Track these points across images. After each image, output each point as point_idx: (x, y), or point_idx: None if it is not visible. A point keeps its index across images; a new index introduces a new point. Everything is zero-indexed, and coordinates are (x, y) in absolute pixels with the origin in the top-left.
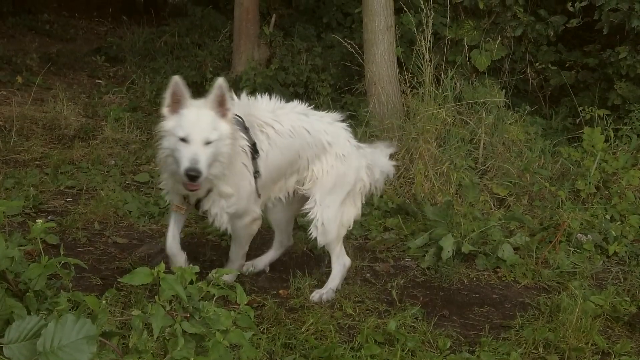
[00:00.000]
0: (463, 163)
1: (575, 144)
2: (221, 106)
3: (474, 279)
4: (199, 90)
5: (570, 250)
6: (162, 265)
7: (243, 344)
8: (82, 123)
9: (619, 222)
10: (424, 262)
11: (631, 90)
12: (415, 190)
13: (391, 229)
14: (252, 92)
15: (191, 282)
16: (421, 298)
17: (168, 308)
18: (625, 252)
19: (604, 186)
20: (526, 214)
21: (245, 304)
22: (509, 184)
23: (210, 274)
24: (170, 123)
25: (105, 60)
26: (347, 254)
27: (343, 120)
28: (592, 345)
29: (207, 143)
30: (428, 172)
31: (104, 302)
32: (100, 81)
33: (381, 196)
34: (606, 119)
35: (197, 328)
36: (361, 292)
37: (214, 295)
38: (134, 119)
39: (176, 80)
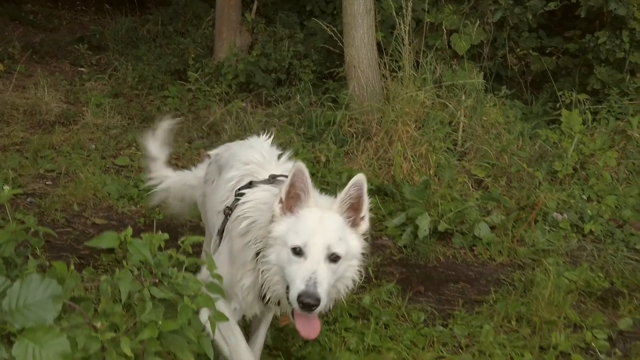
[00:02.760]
0: (442, 145)
1: (553, 126)
2: (355, 211)
3: (450, 256)
4: (181, 77)
5: (546, 228)
6: (129, 230)
7: (211, 308)
8: (63, 109)
9: (595, 202)
10: (401, 241)
11: (610, 74)
12: (394, 171)
13: (369, 209)
14: (234, 78)
15: (160, 249)
16: (397, 275)
17: (136, 273)
18: (601, 231)
19: (581, 167)
20: (504, 195)
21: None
22: (487, 165)
23: (179, 241)
24: (282, 227)
25: (88, 48)
26: None
27: None
28: (564, 318)
29: (331, 259)
30: (407, 153)
31: (72, 267)
32: (82, 69)
33: None
34: (585, 103)
35: (166, 293)
36: None
37: (183, 262)
38: (115, 104)
39: (300, 168)
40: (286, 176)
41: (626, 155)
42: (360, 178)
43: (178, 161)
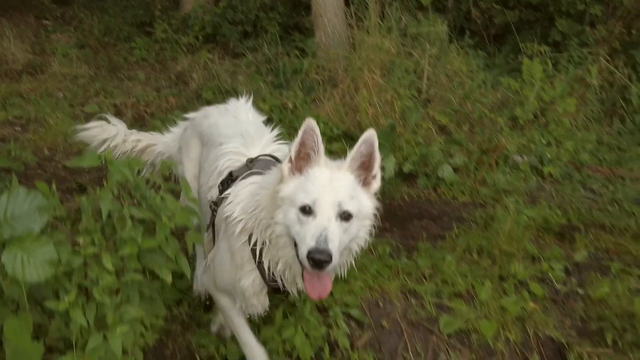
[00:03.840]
0: (407, 92)
1: (515, 74)
2: (366, 170)
3: (415, 196)
4: (145, 30)
5: (506, 170)
6: (110, 150)
7: (189, 226)
8: (30, 59)
9: (554, 147)
10: None
11: (571, 26)
12: (360, 117)
13: (336, 153)
14: (201, 30)
15: (138, 173)
16: None
17: (116, 193)
18: (559, 173)
19: (541, 114)
20: (467, 140)
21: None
22: (450, 111)
23: (157, 167)
24: (290, 187)
25: (53, 2)
26: None
27: None
28: (523, 251)
29: (342, 217)
30: (372, 100)
31: (53, 187)
32: (47, 21)
33: (327, 123)
34: (546, 55)
35: (145, 214)
36: None
37: (159, 186)
38: (82, 55)
39: (310, 124)
40: (269, 156)
41: (585, 102)
42: (371, 134)
43: (147, 108)
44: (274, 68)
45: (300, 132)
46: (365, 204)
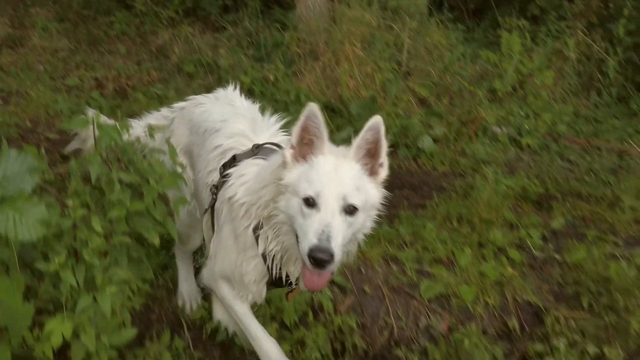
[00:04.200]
0: (387, 65)
1: (494, 47)
2: (372, 158)
3: (395, 166)
4: (125, 3)
5: (486, 141)
6: (98, 113)
7: (176, 188)
8: (9, 32)
9: (532, 119)
10: None
11: (549, 0)
12: (341, 89)
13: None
14: (181, 4)
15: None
16: None
17: (104, 157)
18: (537, 144)
19: (520, 86)
20: (446, 112)
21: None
22: (430, 84)
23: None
24: (293, 175)
25: None
26: None
27: None
28: (501, 219)
29: (347, 211)
30: (353, 73)
31: (42, 151)
32: None
33: (307, 95)
34: (525, 28)
35: (133, 177)
36: None
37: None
38: (62, 28)
39: (312, 109)
40: (273, 144)
41: (562, 75)
42: (377, 121)
43: (129, 81)
44: (255, 41)
45: (301, 117)
46: (371, 195)
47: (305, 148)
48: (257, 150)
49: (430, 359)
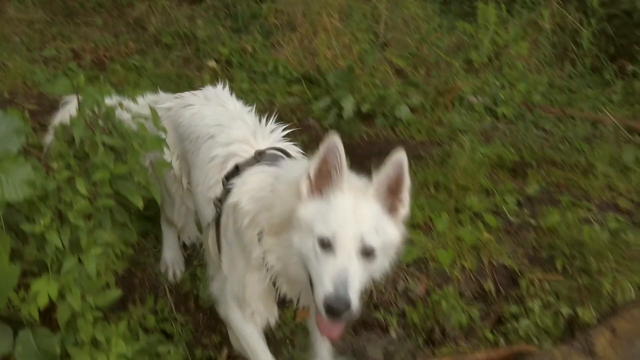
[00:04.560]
0: (364, 36)
1: (470, 19)
2: (393, 194)
3: (374, 135)
4: None
5: (462, 111)
6: (82, 76)
7: (159, 149)
8: None
9: (508, 89)
10: (327, 121)
11: None
12: (319, 60)
13: (295, 95)
14: None
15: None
16: None
17: (88, 121)
18: (513, 113)
19: (495, 57)
20: (423, 83)
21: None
22: (407, 55)
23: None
24: (309, 211)
25: None
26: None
27: None
28: (477, 186)
29: (365, 253)
30: (331, 44)
31: (26, 114)
32: None
33: (285, 67)
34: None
35: (116, 141)
36: None
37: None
38: (37, 0)
39: (334, 142)
40: (277, 149)
41: (537, 46)
42: (400, 156)
43: (106, 52)
44: (233, 13)
45: (321, 149)
46: (391, 235)
47: (322, 180)
48: (260, 157)
49: (408, 320)
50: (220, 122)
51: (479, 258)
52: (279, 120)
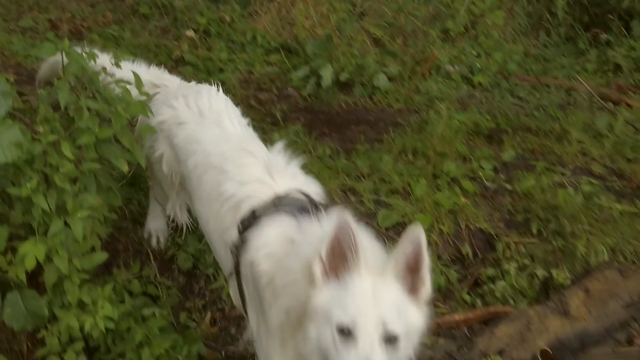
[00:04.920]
0: (342, 6)
1: None
2: (412, 272)
3: (352, 104)
4: None
5: (439, 80)
6: (67, 42)
7: (144, 114)
8: None
9: (484, 58)
10: (305, 90)
11: None
12: (297, 30)
13: (274, 64)
14: None
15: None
16: (303, 120)
17: (73, 85)
18: (489, 82)
19: (471, 26)
20: (401, 52)
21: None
22: (385, 24)
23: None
24: (324, 297)
25: None
26: (233, 87)
27: None
28: (455, 152)
29: (388, 340)
30: (309, 12)
31: (12, 79)
32: None
33: (264, 36)
34: None
35: (100, 105)
36: (246, 115)
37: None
38: None
39: (344, 220)
40: (298, 192)
41: (513, 15)
42: (417, 232)
43: (84, 22)
44: None
45: (332, 228)
46: (414, 319)
47: (337, 261)
48: (279, 201)
49: None
50: (221, 152)
51: (456, 222)
52: (259, 89)
